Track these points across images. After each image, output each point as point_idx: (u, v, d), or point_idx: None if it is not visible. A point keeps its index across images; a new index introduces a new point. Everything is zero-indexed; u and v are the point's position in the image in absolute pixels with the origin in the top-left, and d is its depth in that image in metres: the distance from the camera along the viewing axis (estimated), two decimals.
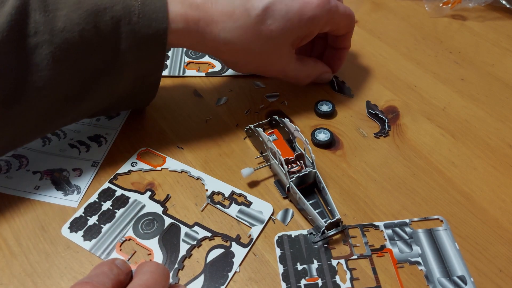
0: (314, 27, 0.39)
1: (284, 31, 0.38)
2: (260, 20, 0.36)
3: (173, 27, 0.35)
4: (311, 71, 0.45)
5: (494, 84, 0.48)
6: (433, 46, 0.53)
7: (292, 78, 0.44)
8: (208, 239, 0.35)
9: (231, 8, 0.36)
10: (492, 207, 0.37)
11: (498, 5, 0.57)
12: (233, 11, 0.36)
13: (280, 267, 0.33)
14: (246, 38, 0.37)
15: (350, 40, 0.44)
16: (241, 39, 0.37)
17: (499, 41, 0.53)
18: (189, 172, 0.39)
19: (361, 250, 0.34)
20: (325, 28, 0.40)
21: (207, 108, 0.45)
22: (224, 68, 0.50)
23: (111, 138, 0.42)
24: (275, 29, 0.37)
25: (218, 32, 0.36)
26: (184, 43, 0.38)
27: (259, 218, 0.36)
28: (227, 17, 0.36)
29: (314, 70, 0.45)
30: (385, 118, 0.43)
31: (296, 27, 0.38)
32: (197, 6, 0.36)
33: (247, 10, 0.36)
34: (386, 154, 0.41)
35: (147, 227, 0.35)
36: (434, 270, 0.33)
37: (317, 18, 0.38)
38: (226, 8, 0.36)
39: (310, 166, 0.36)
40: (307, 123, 0.44)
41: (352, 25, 0.42)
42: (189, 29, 0.36)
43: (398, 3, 0.60)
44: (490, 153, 0.41)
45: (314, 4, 0.38)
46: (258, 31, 0.37)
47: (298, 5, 0.37)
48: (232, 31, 0.36)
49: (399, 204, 0.37)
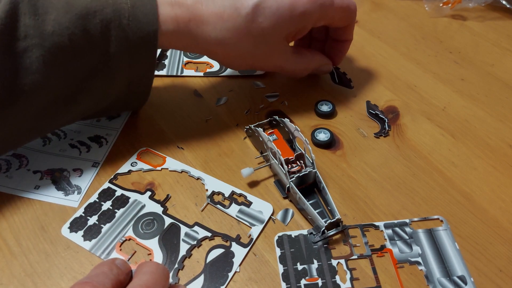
0: (306, 22, 0.39)
1: (275, 28, 0.37)
2: (250, 19, 0.36)
3: (164, 29, 0.35)
4: (309, 64, 0.44)
5: (494, 84, 0.48)
6: (433, 46, 0.53)
7: (289, 71, 0.44)
8: (208, 239, 0.35)
9: (221, 8, 0.36)
10: (492, 207, 0.37)
11: (498, 5, 0.57)
12: (223, 11, 0.36)
13: (280, 267, 0.33)
14: (237, 37, 0.37)
15: (351, 32, 0.43)
16: (233, 39, 0.37)
17: (499, 41, 0.53)
18: (189, 172, 0.39)
19: (361, 250, 0.34)
20: (319, 22, 0.40)
21: (207, 108, 0.45)
22: (222, 68, 0.50)
23: (112, 139, 0.42)
24: (266, 26, 0.37)
25: (209, 32, 0.36)
26: (176, 44, 0.38)
27: (259, 218, 0.36)
28: (217, 18, 0.36)
29: (312, 63, 0.44)
30: (385, 118, 0.43)
31: (287, 23, 0.38)
32: (187, 7, 0.35)
33: (237, 10, 0.36)
34: (386, 154, 0.41)
35: (147, 227, 0.35)
36: (434, 270, 0.33)
37: (308, 13, 0.38)
38: (216, 8, 0.36)
39: (310, 166, 0.36)
40: (307, 123, 0.44)
41: (352, 17, 0.41)
42: (180, 31, 0.36)
43: (398, 3, 0.60)
44: (490, 153, 0.41)
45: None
46: (250, 29, 0.37)
47: (288, 1, 0.37)
48: (223, 31, 0.36)
49: (399, 204, 0.37)
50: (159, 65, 0.50)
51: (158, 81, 0.48)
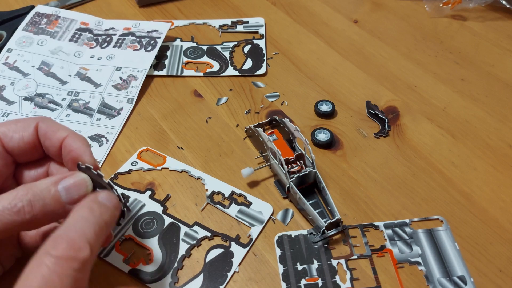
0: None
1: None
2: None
3: None
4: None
5: (494, 84, 0.48)
6: (433, 46, 0.53)
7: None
8: (207, 239, 0.35)
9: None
10: (492, 207, 0.37)
11: (498, 5, 0.57)
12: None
13: (280, 267, 0.33)
14: None
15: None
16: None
17: (499, 41, 0.53)
18: (189, 172, 0.39)
19: (361, 250, 0.34)
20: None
21: (207, 108, 0.45)
22: (222, 68, 0.50)
23: (112, 138, 0.42)
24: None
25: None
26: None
27: (259, 219, 0.36)
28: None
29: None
30: (385, 118, 0.43)
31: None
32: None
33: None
34: (386, 154, 0.41)
35: (147, 226, 0.35)
36: (434, 270, 0.33)
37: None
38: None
39: (310, 166, 0.36)
40: (307, 123, 0.44)
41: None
42: None
43: (398, 3, 0.59)
44: (490, 153, 0.41)
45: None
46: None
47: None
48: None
49: (399, 204, 0.37)
50: (159, 65, 0.50)
51: (158, 81, 0.48)
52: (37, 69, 0.48)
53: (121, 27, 0.53)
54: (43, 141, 0.31)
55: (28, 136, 0.30)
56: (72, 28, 0.52)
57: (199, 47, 0.52)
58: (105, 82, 0.47)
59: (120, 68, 0.48)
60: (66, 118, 0.44)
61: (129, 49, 0.50)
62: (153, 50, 0.50)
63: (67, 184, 0.27)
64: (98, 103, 0.45)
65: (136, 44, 0.51)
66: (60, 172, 0.31)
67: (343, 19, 0.56)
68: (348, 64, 0.50)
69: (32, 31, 0.51)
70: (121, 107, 0.45)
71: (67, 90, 0.46)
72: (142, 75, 0.47)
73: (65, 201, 0.27)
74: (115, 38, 0.52)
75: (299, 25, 0.55)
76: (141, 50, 0.50)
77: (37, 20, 0.53)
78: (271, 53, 0.51)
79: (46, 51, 0.50)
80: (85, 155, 0.29)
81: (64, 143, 0.30)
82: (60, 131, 0.30)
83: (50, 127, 0.30)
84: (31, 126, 0.30)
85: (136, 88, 0.46)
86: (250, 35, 0.54)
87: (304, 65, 0.50)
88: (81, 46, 0.51)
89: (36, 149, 0.31)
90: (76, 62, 0.49)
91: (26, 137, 0.30)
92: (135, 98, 0.46)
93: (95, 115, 0.44)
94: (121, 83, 0.47)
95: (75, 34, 0.52)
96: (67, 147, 0.30)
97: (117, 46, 0.51)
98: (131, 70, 0.48)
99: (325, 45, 0.52)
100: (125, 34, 0.52)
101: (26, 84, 0.47)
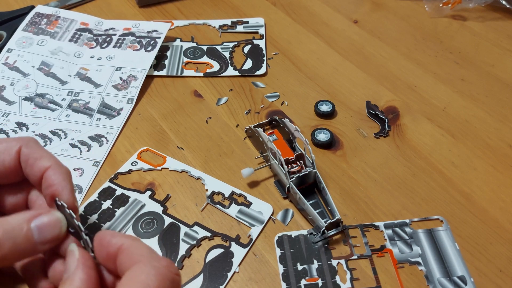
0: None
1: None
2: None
3: None
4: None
5: (494, 84, 0.48)
6: (433, 46, 0.53)
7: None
8: (207, 239, 0.35)
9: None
10: (492, 207, 0.37)
11: (498, 5, 0.57)
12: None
13: (280, 267, 0.33)
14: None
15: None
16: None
17: (499, 41, 0.53)
18: (189, 172, 0.39)
19: (361, 250, 0.34)
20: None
21: (207, 108, 0.45)
22: (222, 69, 0.50)
23: (112, 138, 0.42)
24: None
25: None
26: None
27: (259, 219, 0.36)
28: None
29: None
30: (385, 118, 0.43)
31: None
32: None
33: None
34: (386, 154, 0.41)
35: (147, 226, 0.35)
36: (434, 270, 0.33)
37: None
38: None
39: (310, 166, 0.36)
40: (307, 123, 0.44)
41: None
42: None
43: (398, 3, 0.59)
44: (490, 153, 0.41)
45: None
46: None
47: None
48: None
49: (399, 204, 0.37)
50: (159, 66, 0.50)
51: (158, 81, 0.48)
52: (37, 69, 0.48)
53: (121, 27, 0.53)
54: (24, 167, 0.29)
55: (9, 160, 0.29)
56: (72, 28, 0.53)
57: (199, 47, 0.52)
58: (105, 82, 0.47)
59: (120, 68, 0.48)
60: (66, 118, 0.44)
61: (129, 49, 0.50)
62: (153, 50, 0.50)
63: (41, 223, 0.26)
64: (98, 103, 0.45)
65: (136, 44, 0.51)
66: (39, 199, 0.30)
67: (343, 19, 0.56)
68: (348, 64, 0.50)
69: (32, 31, 0.51)
70: (121, 107, 0.45)
71: (67, 90, 0.47)
72: (142, 75, 0.48)
73: (37, 241, 0.25)
74: (115, 38, 0.52)
75: (299, 25, 0.55)
76: (141, 50, 0.50)
77: (37, 21, 0.53)
78: (271, 53, 0.51)
79: (46, 51, 0.50)
80: (64, 192, 0.28)
81: (45, 176, 0.28)
82: (42, 160, 0.29)
83: (33, 154, 0.29)
84: (14, 149, 0.29)
85: (136, 88, 0.46)
86: (250, 35, 0.54)
87: (304, 65, 0.50)
88: (81, 46, 0.51)
89: (17, 173, 0.30)
90: (76, 62, 0.49)
91: (7, 162, 0.29)
92: (135, 98, 0.46)
93: (95, 115, 0.44)
94: (121, 83, 0.47)
95: (75, 34, 0.52)
96: (48, 180, 0.28)
97: (117, 46, 0.51)
98: (131, 70, 0.48)
99: (325, 45, 0.52)
100: (125, 34, 0.52)
101: (26, 84, 0.47)
